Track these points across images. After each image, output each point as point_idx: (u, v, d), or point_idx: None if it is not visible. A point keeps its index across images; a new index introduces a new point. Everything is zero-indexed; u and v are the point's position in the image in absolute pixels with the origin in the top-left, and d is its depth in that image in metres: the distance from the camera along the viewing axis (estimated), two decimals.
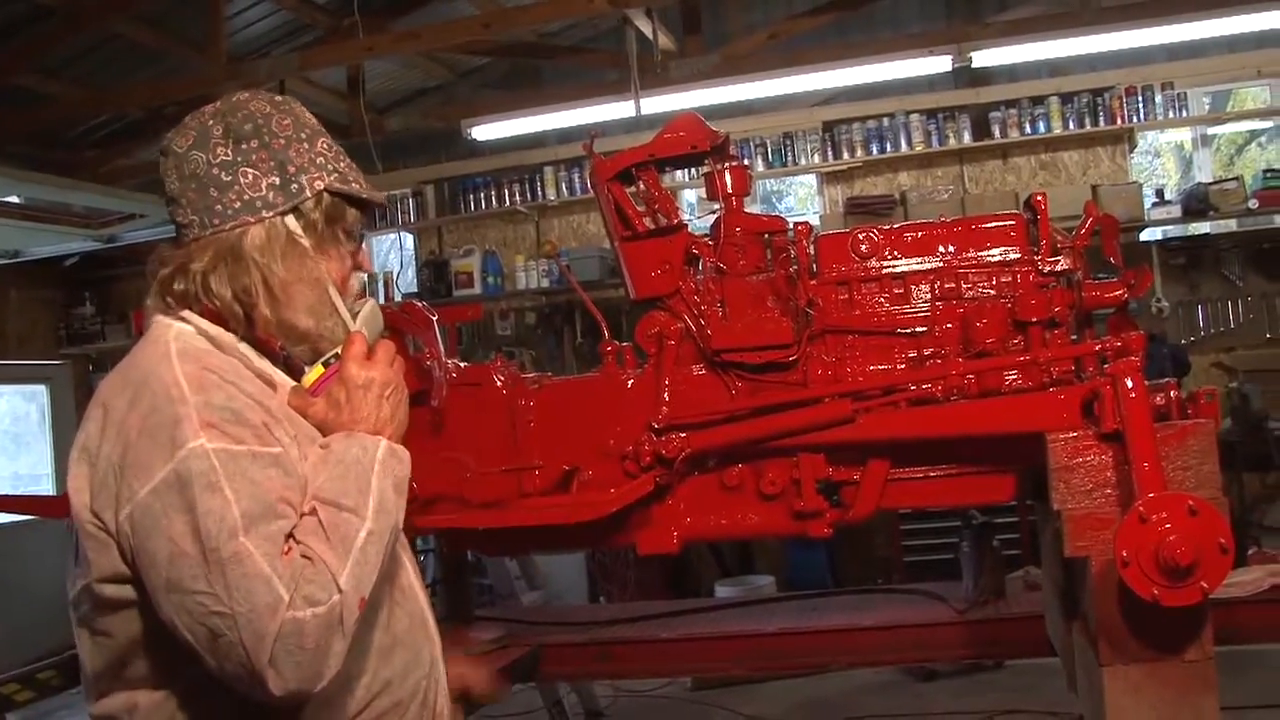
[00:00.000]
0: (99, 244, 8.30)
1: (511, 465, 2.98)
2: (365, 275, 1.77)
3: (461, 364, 3.25)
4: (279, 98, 1.73)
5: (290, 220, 1.63)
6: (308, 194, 1.64)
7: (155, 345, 1.56)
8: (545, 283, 8.23)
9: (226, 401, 1.48)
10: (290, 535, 1.43)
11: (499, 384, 3.08)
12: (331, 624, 1.38)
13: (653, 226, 2.92)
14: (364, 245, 1.77)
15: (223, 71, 6.35)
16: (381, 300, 8.25)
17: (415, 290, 8.39)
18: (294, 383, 1.64)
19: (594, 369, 3.16)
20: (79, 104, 7.17)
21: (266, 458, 1.46)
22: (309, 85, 7.65)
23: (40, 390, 8.65)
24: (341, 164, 1.71)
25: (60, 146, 7.70)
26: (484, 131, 7.58)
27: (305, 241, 1.64)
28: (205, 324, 1.60)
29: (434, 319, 3.14)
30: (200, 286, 1.60)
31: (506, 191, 8.36)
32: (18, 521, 6.79)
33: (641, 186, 2.93)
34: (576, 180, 8.17)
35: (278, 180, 1.63)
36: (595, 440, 2.93)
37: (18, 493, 7.55)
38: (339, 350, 1.63)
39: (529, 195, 8.34)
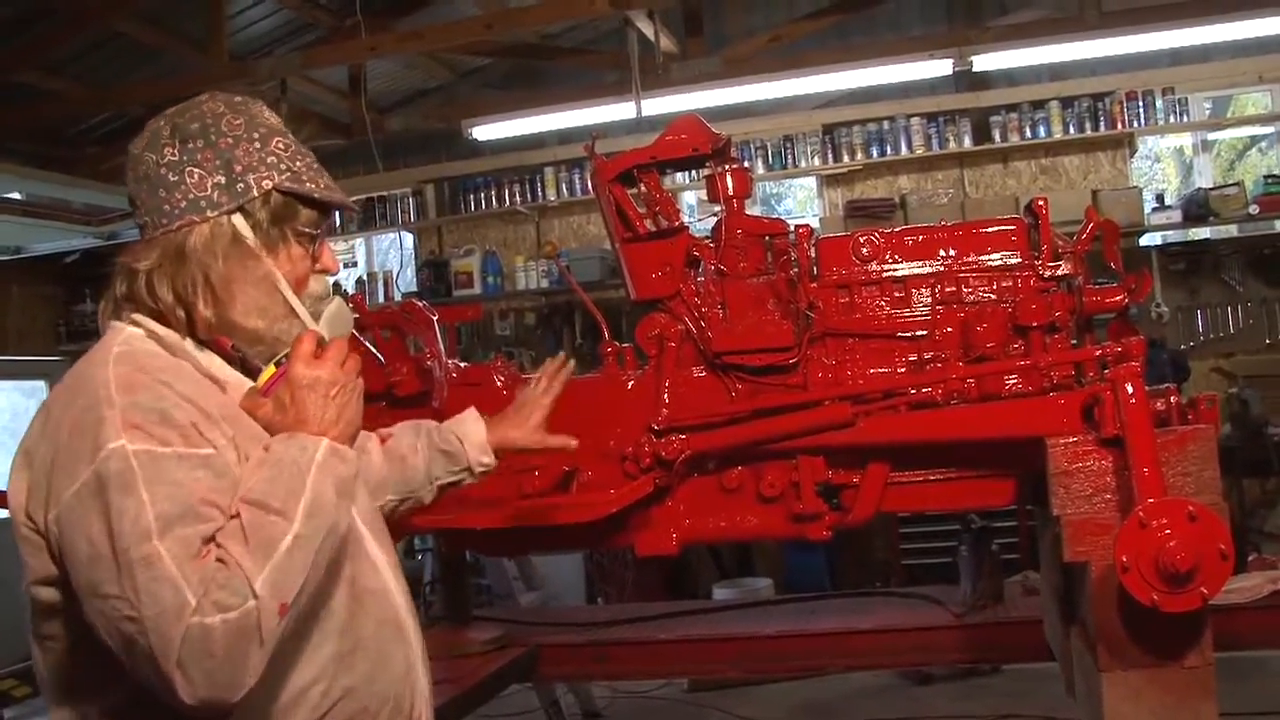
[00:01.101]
0: (100, 241, 8.31)
1: (511, 465, 2.98)
2: (331, 276, 1.75)
3: (462, 364, 3.25)
4: (238, 98, 1.70)
5: (237, 219, 1.61)
6: (254, 193, 1.61)
7: (101, 349, 1.55)
8: (545, 283, 8.23)
9: (154, 402, 1.46)
10: (213, 538, 1.40)
11: (499, 384, 3.09)
12: (245, 631, 1.34)
13: (654, 228, 2.92)
14: (328, 245, 1.74)
15: (225, 70, 6.35)
16: (381, 300, 8.30)
17: (415, 290, 8.38)
18: (251, 383, 1.61)
19: (593, 370, 3.16)
20: (81, 101, 7.17)
21: (194, 459, 1.44)
22: (311, 84, 7.66)
23: (40, 386, 8.65)
24: (298, 163, 1.67)
25: (62, 144, 7.70)
26: (485, 132, 7.58)
27: (252, 241, 1.61)
28: (154, 325, 1.59)
29: (435, 319, 3.16)
30: (145, 286, 1.59)
31: (507, 192, 8.35)
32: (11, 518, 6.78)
33: (643, 188, 2.93)
34: (577, 181, 8.17)
35: (223, 179, 1.60)
36: (595, 441, 2.93)
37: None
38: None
39: (529, 196, 8.33)
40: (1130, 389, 2.25)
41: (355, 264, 9.56)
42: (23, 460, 1.51)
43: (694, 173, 6.71)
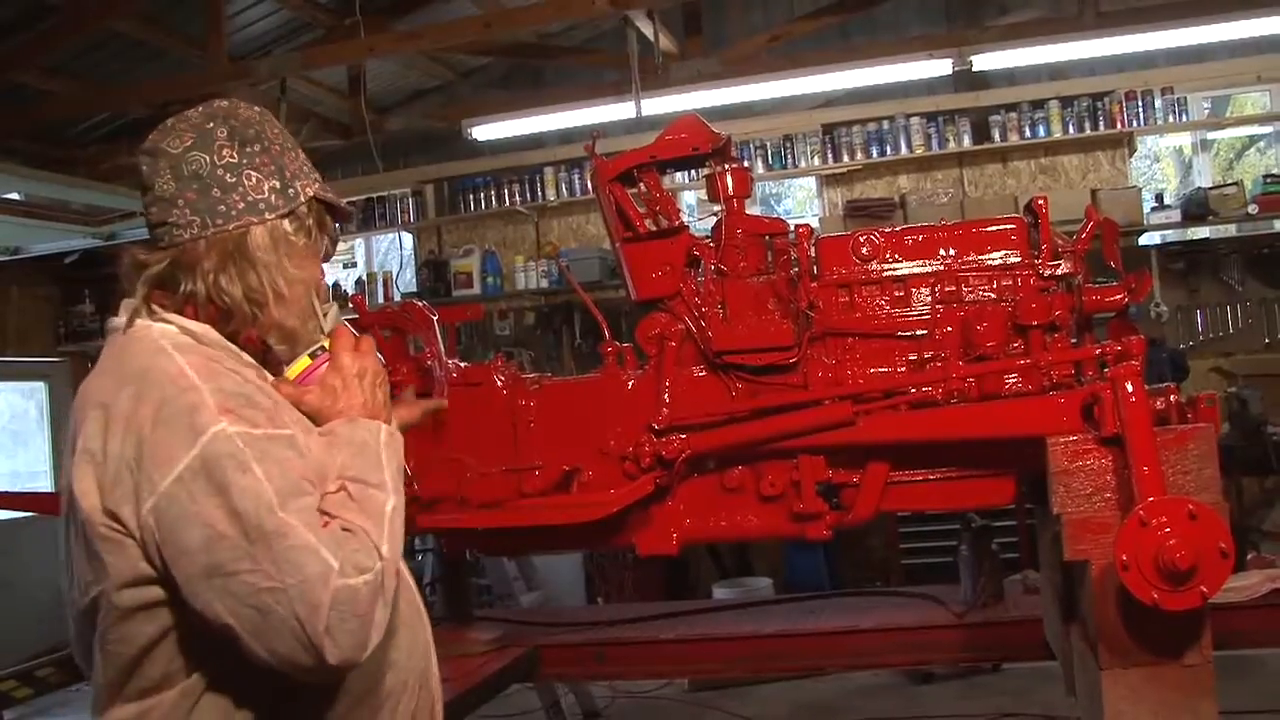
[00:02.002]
0: (99, 241, 8.30)
1: (512, 465, 2.99)
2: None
3: (461, 364, 3.25)
4: (257, 107, 1.76)
5: (286, 223, 1.67)
6: (302, 199, 1.69)
7: (144, 343, 1.56)
8: (544, 283, 8.23)
9: (237, 387, 1.51)
10: (322, 511, 1.47)
11: (499, 384, 3.09)
12: (377, 590, 1.43)
13: (654, 228, 2.92)
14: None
15: (224, 70, 6.34)
16: (381, 300, 8.30)
17: (414, 290, 8.38)
18: (272, 377, 1.67)
19: (592, 370, 3.17)
20: (80, 101, 7.16)
21: (282, 439, 1.50)
22: (310, 84, 7.65)
23: (39, 387, 8.65)
24: (317, 173, 1.77)
25: (61, 144, 7.69)
26: (484, 132, 7.57)
27: (302, 245, 1.69)
28: (186, 322, 1.61)
29: (434, 319, 3.16)
30: (212, 286, 1.61)
31: (506, 192, 8.35)
32: (15, 519, 6.78)
33: (643, 188, 2.94)
34: (576, 181, 8.17)
35: (278, 184, 1.67)
36: (595, 441, 2.93)
37: (16, 490, 7.53)
38: (325, 343, 1.68)
39: (529, 195, 8.33)
40: (1130, 388, 2.26)
41: (355, 264, 9.55)
42: (85, 459, 1.49)
43: (694, 172, 6.72)
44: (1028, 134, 7.46)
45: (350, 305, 3.99)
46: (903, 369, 2.80)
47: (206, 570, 1.39)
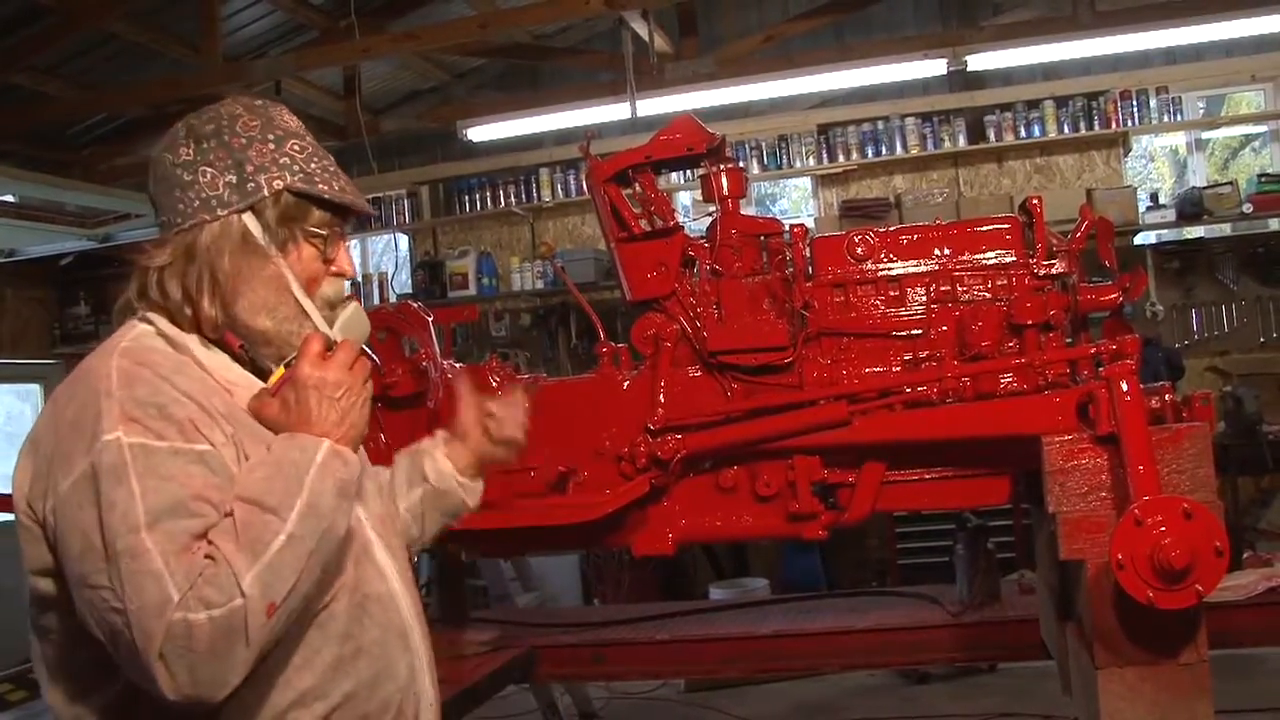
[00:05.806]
0: (94, 243, 8.28)
1: (507, 466, 2.98)
2: (348, 280, 1.71)
3: (457, 365, 3.25)
4: (260, 101, 1.71)
5: (248, 218, 1.60)
6: (265, 192, 1.61)
7: (108, 344, 1.56)
8: (540, 284, 8.23)
9: (152, 396, 1.46)
10: (205, 535, 1.39)
11: (494, 385, 3.08)
12: (231, 629, 1.33)
13: (649, 228, 2.92)
14: (345, 248, 1.72)
15: (219, 72, 6.34)
16: (376, 301, 8.28)
17: (410, 291, 8.38)
18: (261, 384, 1.60)
19: (588, 370, 3.16)
20: (75, 103, 7.15)
21: (190, 454, 1.43)
22: (305, 86, 7.65)
23: (34, 390, 8.64)
24: (313, 165, 1.67)
25: (56, 145, 7.68)
26: (479, 133, 7.57)
27: (261, 239, 1.61)
28: (164, 324, 1.59)
29: (430, 320, 3.15)
30: (156, 284, 1.60)
31: (502, 193, 8.35)
32: (9, 521, 6.75)
33: (638, 188, 2.94)
34: (572, 182, 8.17)
35: (234, 179, 1.61)
36: (591, 441, 2.93)
37: (10, 492, 7.51)
38: None
39: (524, 197, 8.33)
40: (1125, 387, 2.26)
41: None
42: (29, 448, 1.52)
43: (689, 173, 6.72)
44: (1023, 134, 7.48)
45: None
46: (898, 369, 2.80)
47: (78, 579, 1.39)
